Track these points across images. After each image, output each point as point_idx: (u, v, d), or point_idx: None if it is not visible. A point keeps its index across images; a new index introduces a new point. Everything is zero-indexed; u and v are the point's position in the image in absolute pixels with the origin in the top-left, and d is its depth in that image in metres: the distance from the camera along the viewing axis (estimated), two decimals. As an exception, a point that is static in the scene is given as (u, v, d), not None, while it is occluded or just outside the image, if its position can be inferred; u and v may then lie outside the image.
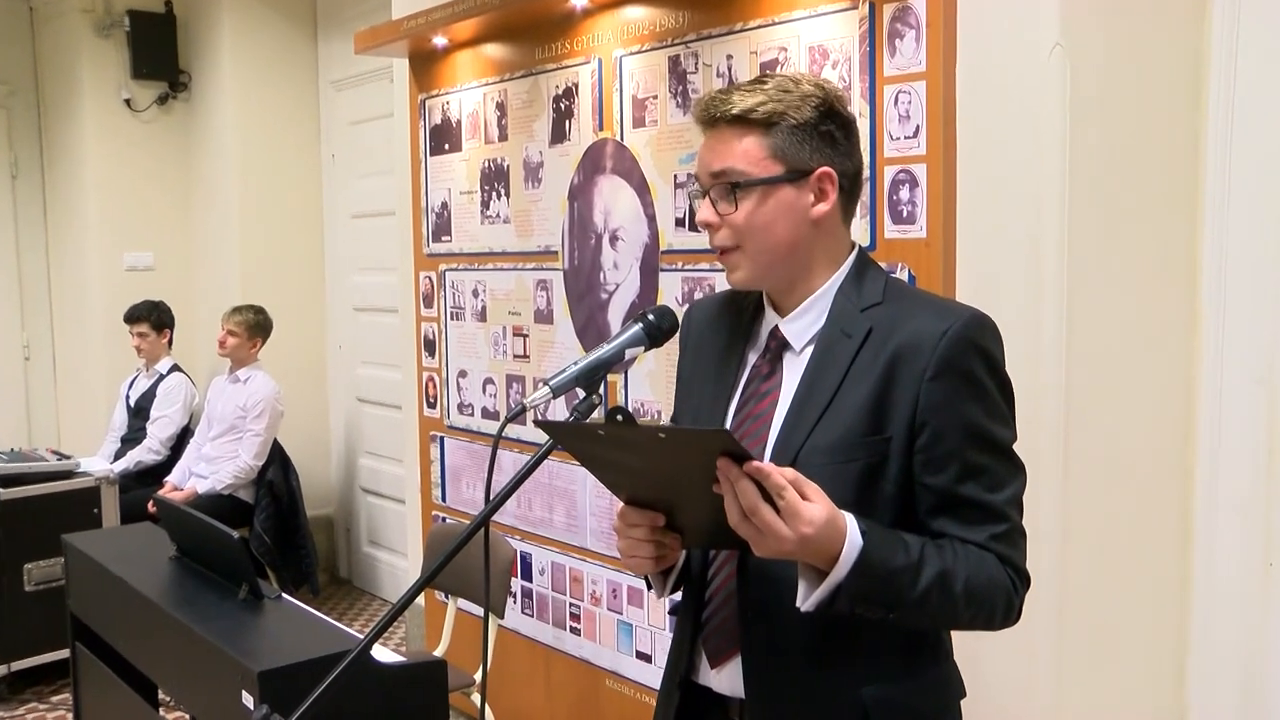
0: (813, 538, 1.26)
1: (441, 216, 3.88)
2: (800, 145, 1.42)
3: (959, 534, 1.38)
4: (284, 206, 5.65)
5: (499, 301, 3.65)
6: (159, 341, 5.29)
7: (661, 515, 1.40)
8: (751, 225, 1.44)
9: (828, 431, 1.41)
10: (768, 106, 1.42)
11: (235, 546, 2.30)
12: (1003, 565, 1.39)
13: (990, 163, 2.33)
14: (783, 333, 1.50)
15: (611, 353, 1.46)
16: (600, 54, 3.17)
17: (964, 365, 1.38)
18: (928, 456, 1.39)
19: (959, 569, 1.35)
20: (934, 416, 1.38)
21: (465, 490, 3.88)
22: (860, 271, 1.49)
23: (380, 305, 5.25)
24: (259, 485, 4.91)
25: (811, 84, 1.45)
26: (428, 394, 4.03)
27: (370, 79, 5.21)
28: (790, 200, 1.44)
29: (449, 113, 3.80)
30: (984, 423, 1.39)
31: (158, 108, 5.83)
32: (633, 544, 1.43)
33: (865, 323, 1.44)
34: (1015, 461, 1.43)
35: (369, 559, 5.65)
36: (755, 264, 1.46)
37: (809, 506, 1.26)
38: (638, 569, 1.47)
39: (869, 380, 1.40)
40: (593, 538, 3.33)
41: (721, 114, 1.43)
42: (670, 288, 3.00)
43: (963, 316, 1.41)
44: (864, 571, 1.29)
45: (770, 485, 1.25)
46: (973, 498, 1.38)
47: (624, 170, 3.12)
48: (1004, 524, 1.40)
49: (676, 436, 1.29)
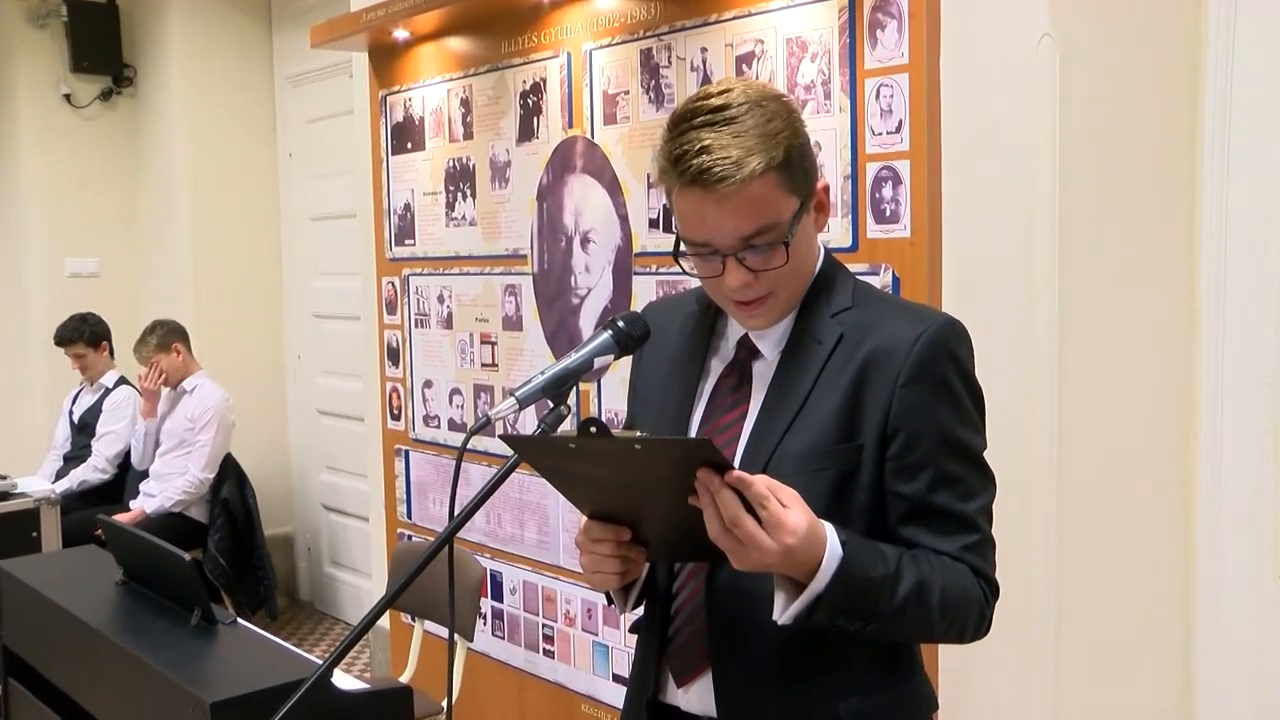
0: (796, 548, 1.27)
1: (404, 219, 3.88)
2: (803, 169, 1.43)
3: (930, 544, 1.40)
4: (238, 208, 5.64)
5: (465, 307, 3.65)
6: (99, 357, 5.23)
7: (627, 529, 1.41)
8: (795, 268, 1.44)
9: (798, 439, 1.43)
10: (775, 143, 1.37)
11: (187, 569, 2.29)
12: (975, 577, 1.41)
13: (977, 158, 2.35)
14: (753, 340, 1.51)
15: (579, 362, 1.46)
16: (569, 47, 3.18)
17: (938, 371, 1.41)
18: (900, 464, 1.41)
19: (935, 580, 1.37)
20: (907, 423, 1.40)
21: (432, 506, 3.87)
22: (828, 276, 1.51)
23: (341, 312, 5.24)
24: (213, 503, 4.89)
25: (769, 97, 1.42)
26: (391, 405, 4.02)
27: (328, 74, 5.20)
28: (808, 226, 1.45)
29: (411, 110, 3.80)
30: (957, 430, 1.42)
31: (101, 104, 5.80)
32: (597, 560, 1.43)
33: (835, 328, 1.46)
34: (986, 471, 1.46)
35: (330, 580, 5.63)
36: (787, 303, 1.47)
37: (791, 515, 1.27)
38: (601, 585, 1.48)
39: (840, 386, 1.42)
40: (566, 555, 3.33)
41: (744, 176, 1.35)
42: (645, 291, 3.00)
43: (936, 321, 1.44)
44: (844, 582, 1.30)
45: (752, 495, 1.26)
46: (945, 507, 1.41)
47: (595, 169, 3.13)
48: (975, 534, 1.42)
49: (653, 447, 1.30)
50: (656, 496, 1.34)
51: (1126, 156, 2.41)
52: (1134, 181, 2.42)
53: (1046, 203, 2.28)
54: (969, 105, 2.35)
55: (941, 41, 2.36)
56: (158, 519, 4.73)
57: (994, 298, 2.33)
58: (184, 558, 2.32)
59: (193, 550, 4.69)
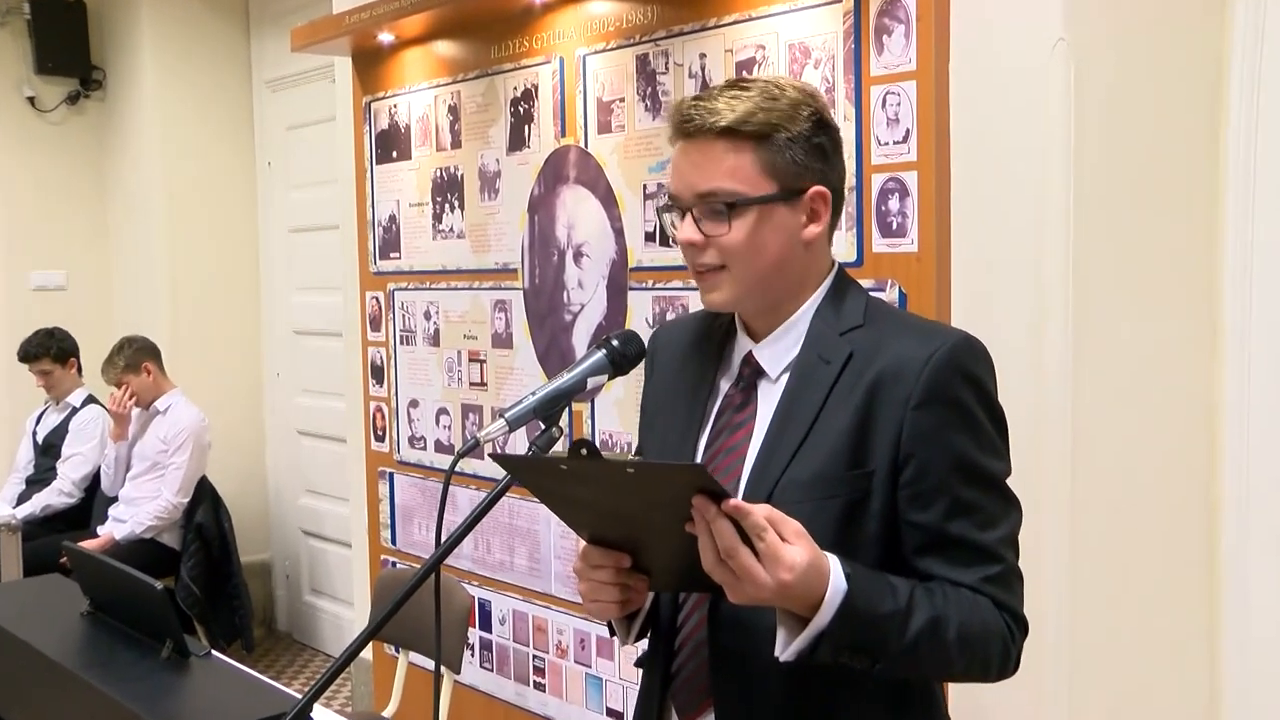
0: (793, 585, 1.27)
1: (389, 231, 3.89)
2: (793, 160, 1.44)
3: (948, 576, 1.40)
4: (214, 219, 5.64)
5: (453, 324, 3.66)
6: (66, 374, 5.22)
7: (627, 556, 1.42)
8: (744, 247, 1.44)
9: (805, 465, 1.43)
10: (760, 117, 1.42)
11: (158, 598, 2.28)
12: (998, 610, 1.40)
13: (987, 169, 2.36)
14: (757, 359, 1.51)
15: (572, 382, 1.48)
16: (562, 53, 3.20)
17: (952, 393, 1.41)
18: (913, 491, 1.41)
19: (951, 614, 1.36)
20: (919, 448, 1.40)
21: (417, 532, 3.88)
22: (839, 291, 1.51)
23: (322, 328, 5.24)
24: (186, 528, 4.88)
25: (796, 89, 1.47)
26: (375, 426, 4.03)
27: (309, 79, 5.22)
28: (783, 221, 1.46)
29: (397, 117, 3.81)
30: (974, 455, 1.41)
31: (68, 108, 5.80)
32: (595, 587, 1.43)
33: (845, 347, 1.46)
34: (1009, 497, 1.45)
35: (310, 609, 5.62)
36: (739, 286, 1.47)
37: (790, 550, 1.27)
38: (601, 614, 1.48)
39: (849, 409, 1.42)
40: (558, 582, 3.33)
41: (709, 125, 1.43)
42: (640, 308, 3.02)
43: (950, 340, 1.43)
44: (848, 618, 1.30)
45: (749, 526, 1.26)
46: (963, 537, 1.40)
47: (589, 180, 3.14)
48: (997, 565, 1.41)
49: (647, 472, 1.31)
50: (654, 523, 1.34)
51: (1145, 167, 2.41)
52: (1153, 193, 2.42)
53: (1060, 215, 2.29)
54: (979, 114, 2.36)
55: (951, 47, 2.38)
56: (127, 545, 4.72)
57: (1005, 315, 2.34)
58: (155, 586, 2.31)
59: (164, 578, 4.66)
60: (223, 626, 4.91)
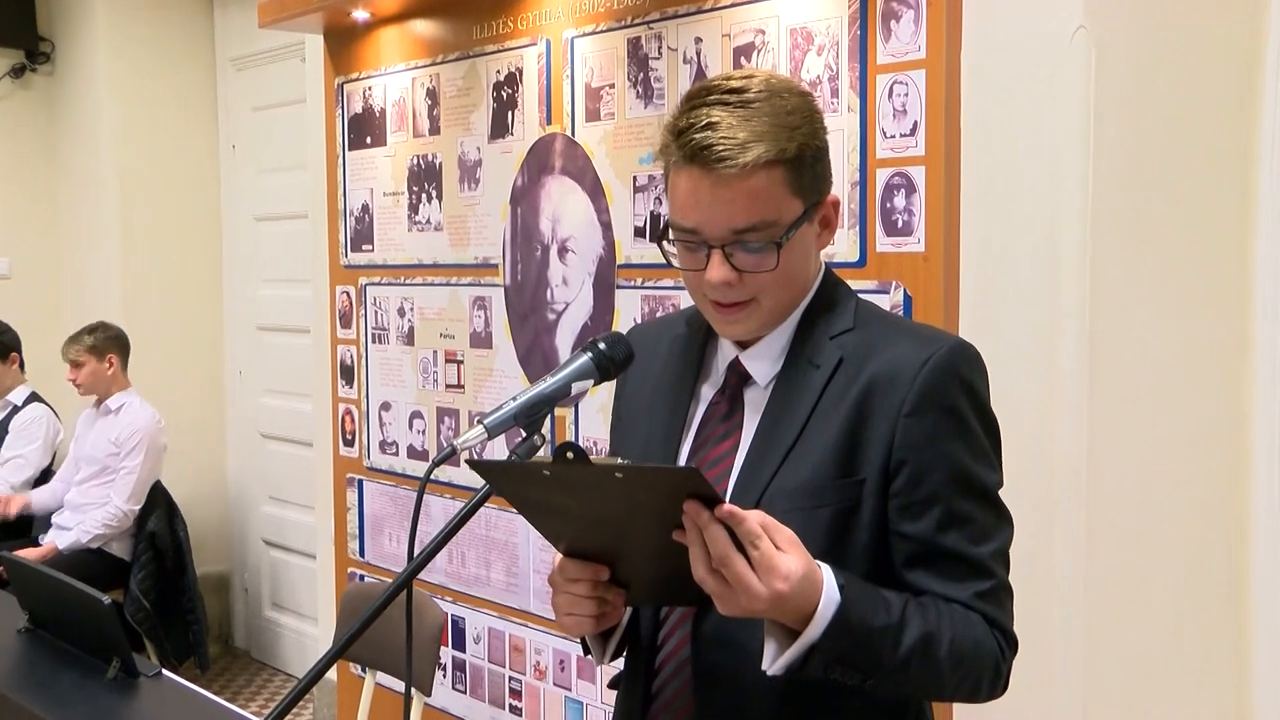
0: (788, 595, 1.29)
1: (362, 222, 3.90)
2: (814, 173, 1.46)
3: (939, 590, 1.42)
4: (173, 205, 5.63)
5: (429, 322, 3.67)
6: (7, 370, 5.18)
7: (605, 568, 1.43)
8: (781, 276, 1.46)
9: (793, 473, 1.45)
10: (789, 136, 1.41)
11: (105, 613, 2.28)
12: (990, 628, 1.43)
13: (1000, 164, 2.37)
14: (744, 366, 1.53)
15: (556, 387, 1.49)
16: (548, 34, 3.21)
17: (947, 399, 1.43)
18: (905, 501, 1.43)
19: (944, 631, 1.39)
20: (912, 456, 1.42)
21: (388, 543, 3.88)
22: (828, 293, 1.54)
23: (288, 324, 5.25)
24: (137, 538, 4.85)
25: (795, 93, 1.47)
26: (344, 430, 4.03)
27: (278, 57, 5.22)
28: (807, 237, 1.48)
29: (371, 100, 3.82)
30: (968, 464, 1.44)
31: (12, 81, 5.77)
32: (571, 600, 1.45)
33: (835, 351, 1.48)
34: (1001, 510, 1.48)
35: (271, 625, 5.62)
36: (771, 314, 1.49)
37: (785, 558, 1.29)
38: (575, 629, 1.49)
39: (839, 415, 1.45)
40: (536, 599, 3.34)
41: (748, 162, 1.39)
42: (628, 307, 3.03)
43: (945, 344, 1.46)
44: (841, 631, 1.32)
45: (744, 533, 1.28)
46: (954, 549, 1.43)
47: (575, 171, 3.16)
48: (989, 580, 1.44)
49: (636, 475, 1.32)
50: (638, 531, 1.36)
51: (1170, 163, 2.42)
52: (1178, 191, 2.43)
53: (1077, 215, 2.30)
54: (992, 105, 2.38)
55: (963, 34, 2.39)
56: (72, 556, 4.68)
57: (1017, 320, 2.35)
58: (101, 600, 2.30)
59: (112, 591, 4.65)
60: (175, 644, 4.89)
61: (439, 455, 1.45)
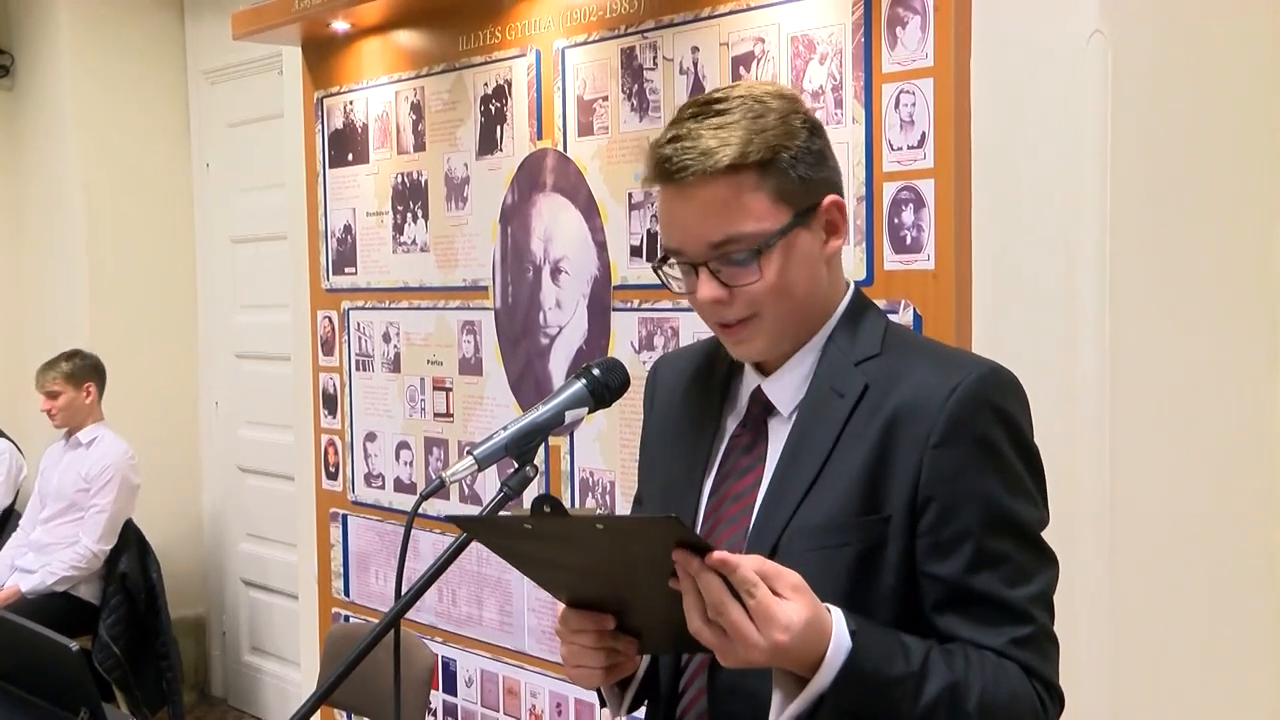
0: (788, 646, 1.28)
1: (344, 243, 3.92)
2: (801, 178, 1.46)
3: (970, 636, 1.40)
4: (143, 226, 5.63)
5: (416, 348, 3.69)
6: None
7: (611, 617, 1.43)
8: (777, 289, 1.46)
9: (815, 510, 1.44)
10: (759, 142, 1.43)
11: (72, 661, 2.27)
12: (1028, 678, 1.41)
13: (1013, 176, 2.39)
14: (766, 395, 1.53)
15: (548, 415, 1.51)
16: (538, 45, 3.24)
17: (978, 429, 1.42)
18: (933, 540, 1.41)
19: (973, 681, 1.36)
20: (941, 491, 1.41)
21: (374, 582, 3.89)
22: (855, 316, 1.53)
23: (267, 352, 5.26)
24: (107, 579, 4.83)
25: (776, 96, 1.49)
26: (327, 462, 4.05)
27: (254, 71, 5.25)
28: (806, 245, 1.48)
29: (353, 115, 3.85)
30: (1003, 499, 1.42)
31: (-32, 96, 5.79)
32: (578, 652, 1.45)
33: (860, 379, 1.47)
34: (1043, 549, 1.46)
35: (250, 671, 5.62)
36: (775, 331, 1.50)
37: (785, 607, 1.28)
38: (585, 682, 1.49)
39: (863, 448, 1.44)
40: (532, 639, 3.35)
41: (708, 167, 1.42)
42: (625, 330, 3.05)
43: (976, 370, 1.45)
44: (852, 681, 1.31)
45: (738, 580, 1.28)
46: (988, 593, 1.40)
47: (568, 187, 3.18)
48: (1027, 626, 1.41)
49: (617, 527, 1.35)
50: (637, 580, 1.37)
51: (1192, 173, 2.43)
52: (1200, 202, 2.45)
53: (1095, 227, 2.32)
54: (1004, 114, 2.39)
55: (972, 40, 2.41)
56: (37, 600, 4.67)
57: (1032, 339, 2.36)
58: (69, 647, 2.29)
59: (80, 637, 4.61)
60: (148, 693, 4.86)
61: (427, 489, 1.46)
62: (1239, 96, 2.47)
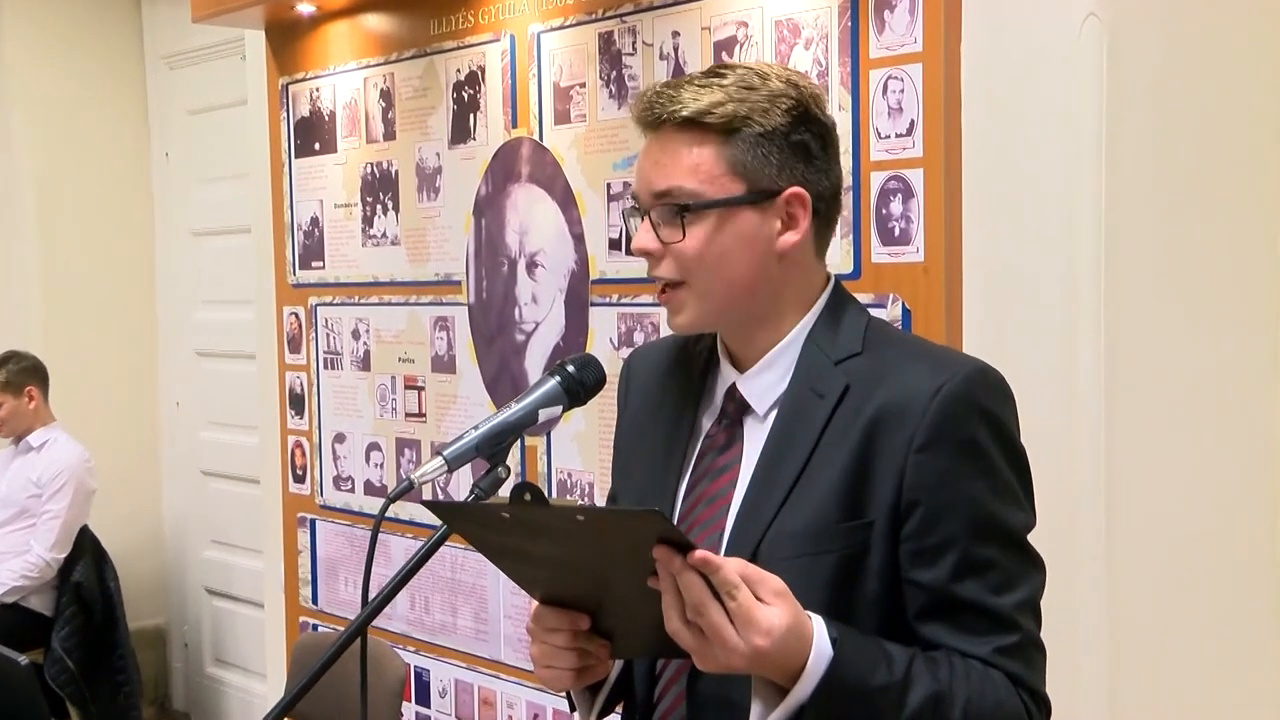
0: (769, 652, 1.30)
1: (311, 236, 3.92)
2: (766, 159, 1.48)
3: (957, 645, 1.42)
4: (99, 218, 5.61)
5: (386, 345, 3.69)
6: None
7: (586, 617, 1.45)
8: (703, 257, 1.48)
9: (795, 516, 1.46)
10: (727, 108, 1.47)
11: (22, 675, 2.26)
12: (1015, 687, 1.42)
13: (1005, 166, 2.40)
14: (741, 392, 1.55)
15: (521, 414, 1.52)
16: (512, 29, 3.24)
17: (963, 431, 1.43)
18: (917, 546, 1.43)
19: (958, 690, 1.38)
20: (925, 496, 1.42)
21: (344, 589, 3.89)
22: (835, 313, 1.55)
23: (231, 349, 5.25)
24: (60, 589, 4.81)
25: (783, 80, 1.51)
26: (294, 464, 4.05)
27: (216, 55, 5.24)
28: (752, 228, 1.50)
29: (319, 102, 3.85)
30: (989, 504, 1.43)
31: (-95, 83, 5.74)
32: (549, 652, 1.46)
33: (840, 378, 1.49)
34: (1030, 555, 1.47)
35: (213, 683, 5.62)
36: (705, 305, 1.51)
37: (766, 611, 1.29)
38: (555, 683, 1.50)
39: (845, 451, 1.45)
40: (508, 647, 3.36)
41: (669, 114, 1.48)
42: (603, 326, 3.06)
43: (962, 370, 1.46)
44: (834, 690, 1.33)
45: (719, 581, 1.29)
46: (974, 600, 1.42)
47: (544, 178, 3.19)
48: (1014, 634, 1.43)
49: (600, 519, 1.35)
50: (615, 577, 1.38)
51: (1193, 164, 2.45)
52: (1202, 195, 2.46)
53: (1091, 219, 2.33)
54: (996, 101, 2.40)
55: (963, 24, 2.41)
56: (-16, 611, 4.69)
57: (1027, 336, 2.37)
58: (18, 660, 2.28)
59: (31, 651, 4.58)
60: (104, 708, 4.84)
61: (395, 490, 1.47)
62: (1242, 83, 2.48)
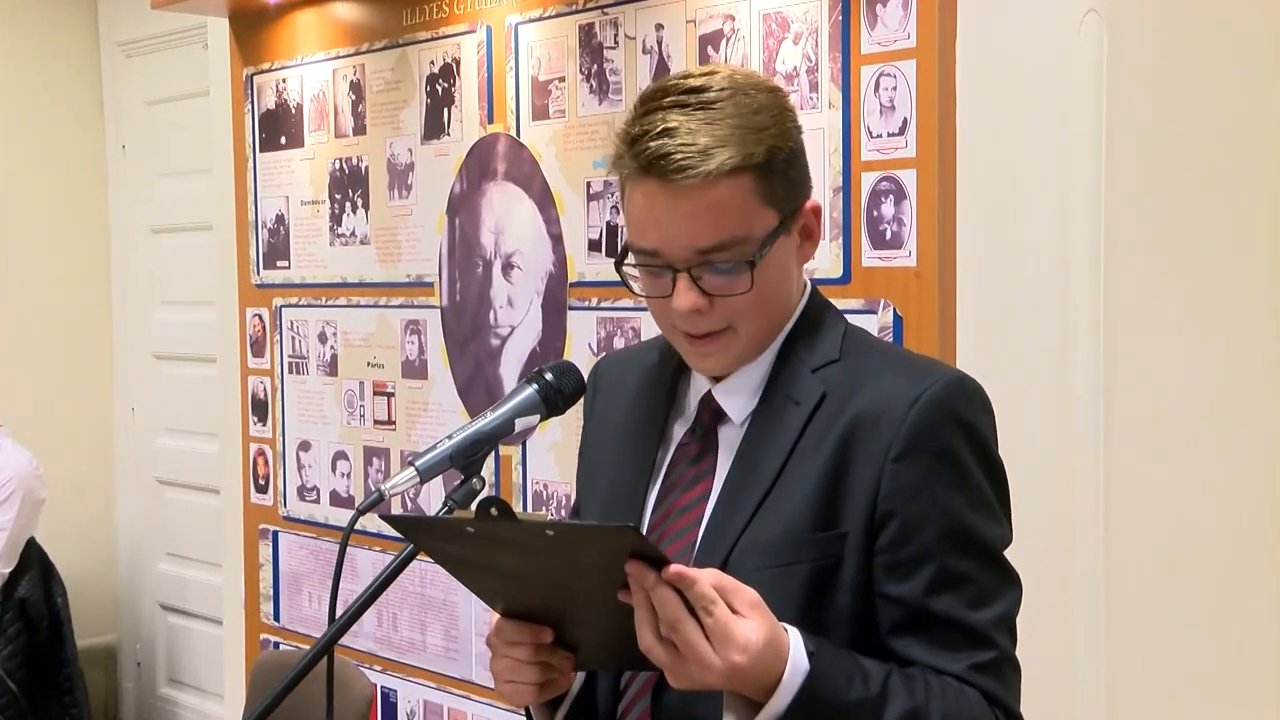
0: (745, 667, 1.32)
1: (276, 234, 3.93)
2: (790, 180, 1.50)
3: (930, 661, 1.44)
4: (50, 214, 5.58)
5: (355, 349, 3.70)
6: None
7: (549, 630, 1.47)
8: (763, 298, 1.49)
9: (767, 525, 1.48)
10: (758, 140, 1.45)
11: None
12: (989, 705, 1.45)
13: (1000, 167, 2.41)
14: (718, 401, 1.57)
15: (496, 424, 1.53)
16: (489, 20, 3.25)
17: (940, 442, 1.46)
18: (892, 559, 1.45)
19: (934, 707, 1.40)
20: (900, 507, 1.45)
21: (308, 605, 3.90)
22: (813, 319, 1.57)
23: (191, 353, 5.24)
24: (4, 606, 4.77)
25: (758, 87, 1.51)
26: (256, 473, 4.05)
27: (176, 43, 5.23)
28: (786, 253, 1.52)
29: (286, 94, 3.86)
30: (966, 517, 1.46)
31: None
32: (511, 666, 1.48)
33: (817, 386, 1.51)
34: (1006, 570, 1.50)
35: (167, 705, 5.61)
36: (750, 345, 1.53)
37: (743, 625, 1.31)
38: (516, 699, 1.52)
39: (819, 460, 1.47)
40: (479, 666, 3.36)
41: (711, 170, 1.42)
42: (582, 331, 3.07)
43: (941, 379, 1.49)
44: (810, 705, 1.35)
45: (695, 596, 1.31)
46: (948, 615, 1.45)
47: (521, 176, 3.20)
48: (990, 651, 1.46)
49: (569, 534, 1.37)
50: (582, 591, 1.40)
51: (1193, 161, 2.47)
52: (1202, 192, 2.48)
53: (1089, 222, 2.35)
54: (992, 100, 2.42)
55: (958, 19, 2.43)
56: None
57: (1022, 342, 2.39)
58: None
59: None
60: (49, 730, 4.86)
61: (364, 502, 1.49)
62: (1244, 81, 2.50)
